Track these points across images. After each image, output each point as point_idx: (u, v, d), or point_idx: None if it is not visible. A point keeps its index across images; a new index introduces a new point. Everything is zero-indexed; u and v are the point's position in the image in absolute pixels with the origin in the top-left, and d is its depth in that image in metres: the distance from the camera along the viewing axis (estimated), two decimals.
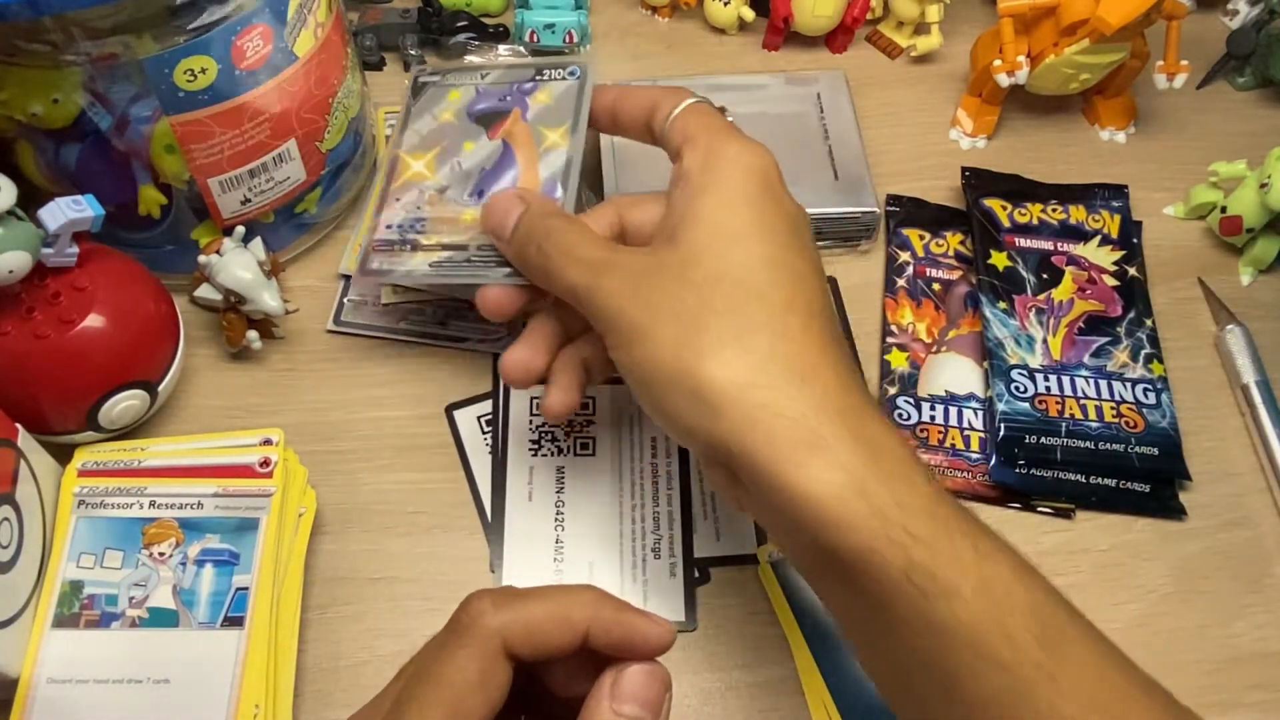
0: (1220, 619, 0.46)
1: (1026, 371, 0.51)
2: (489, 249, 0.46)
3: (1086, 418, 0.49)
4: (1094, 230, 0.56)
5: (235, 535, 0.44)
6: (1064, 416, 0.49)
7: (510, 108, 0.52)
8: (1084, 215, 0.57)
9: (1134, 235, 0.57)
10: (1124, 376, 0.51)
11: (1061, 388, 0.50)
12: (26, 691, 0.40)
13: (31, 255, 0.41)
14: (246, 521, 0.44)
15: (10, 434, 0.42)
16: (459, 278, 0.47)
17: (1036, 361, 0.51)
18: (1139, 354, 0.52)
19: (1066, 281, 0.54)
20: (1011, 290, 0.53)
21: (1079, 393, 0.50)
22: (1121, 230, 0.56)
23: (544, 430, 0.50)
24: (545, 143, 0.50)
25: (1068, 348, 0.52)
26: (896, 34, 0.67)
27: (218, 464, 0.45)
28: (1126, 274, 0.55)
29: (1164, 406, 0.50)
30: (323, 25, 0.49)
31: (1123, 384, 0.51)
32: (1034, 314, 0.53)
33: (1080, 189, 0.58)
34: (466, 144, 0.51)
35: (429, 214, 0.49)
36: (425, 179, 0.51)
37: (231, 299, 0.49)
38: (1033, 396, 0.50)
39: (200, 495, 0.44)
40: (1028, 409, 0.49)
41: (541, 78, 0.52)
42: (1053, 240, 0.56)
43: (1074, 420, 0.49)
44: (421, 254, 0.48)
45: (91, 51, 0.42)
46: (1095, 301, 0.54)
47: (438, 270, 0.47)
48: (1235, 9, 0.68)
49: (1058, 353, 0.51)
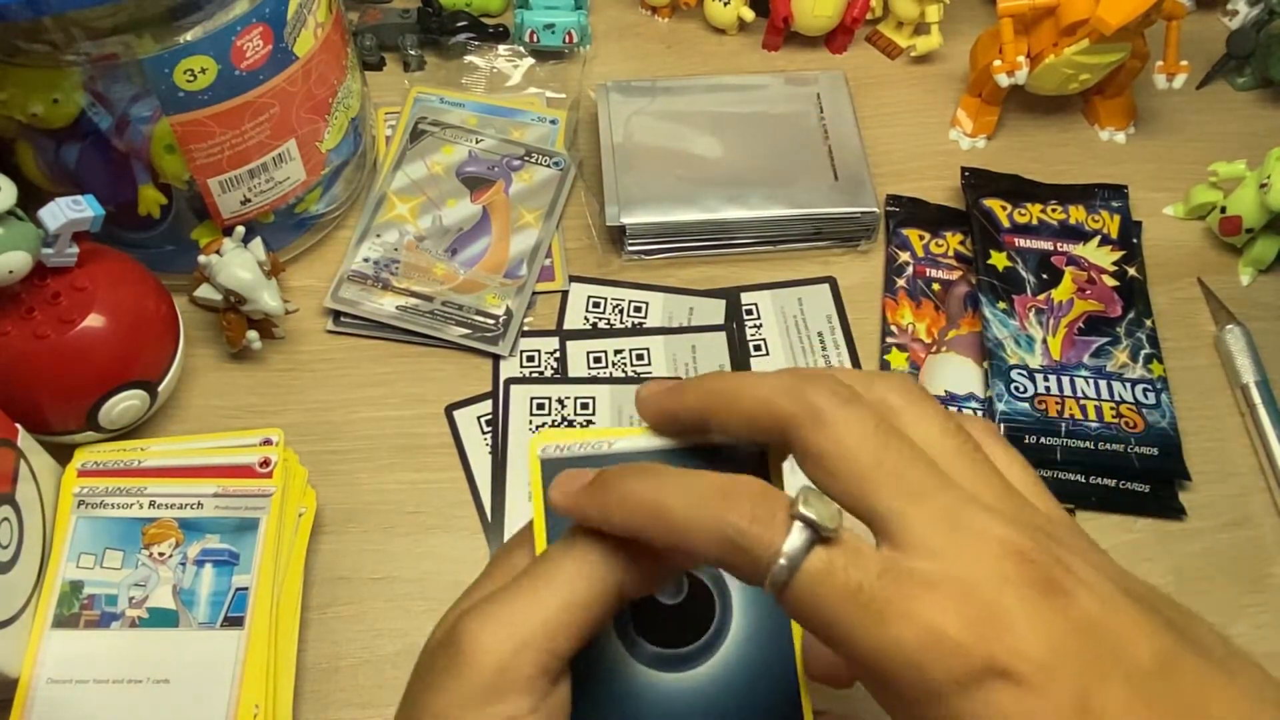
0: (1220, 619, 0.45)
1: (1026, 372, 0.51)
2: (453, 306, 0.52)
3: (1086, 418, 0.49)
4: (1094, 230, 0.56)
5: (235, 535, 0.44)
6: (1064, 417, 0.49)
7: (496, 178, 0.57)
8: (1084, 215, 0.57)
9: (1134, 235, 0.57)
10: (1124, 377, 0.51)
11: (1061, 388, 0.50)
12: (26, 691, 0.40)
13: (31, 255, 0.41)
14: (246, 521, 0.44)
15: (10, 434, 0.42)
16: (420, 326, 0.52)
17: (1036, 362, 0.51)
18: (1139, 354, 0.52)
19: (1066, 282, 0.54)
20: (1011, 290, 0.53)
21: (1079, 393, 0.50)
22: (1121, 230, 0.56)
23: (544, 430, 0.50)
24: (521, 220, 0.56)
25: (1067, 348, 0.52)
26: (896, 34, 0.67)
27: (217, 464, 0.45)
28: (1126, 274, 0.55)
29: (1164, 406, 0.50)
30: (323, 25, 0.49)
31: (1122, 384, 0.51)
32: (1034, 314, 0.53)
33: (1080, 189, 0.58)
34: (450, 200, 0.56)
35: (404, 258, 0.54)
36: (407, 223, 0.55)
37: (231, 299, 0.49)
38: (1032, 397, 0.50)
39: (200, 495, 0.44)
40: (1027, 409, 0.49)
41: (529, 159, 0.58)
42: (1052, 240, 0.56)
43: (1074, 420, 0.49)
44: (391, 295, 0.53)
45: (91, 51, 0.42)
46: (1095, 301, 0.54)
47: (402, 315, 0.52)
48: (1235, 9, 0.68)
49: (1057, 353, 0.51)
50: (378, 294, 0.53)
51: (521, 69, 0.64)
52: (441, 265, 0.54)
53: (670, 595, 0.31)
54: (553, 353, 0.52)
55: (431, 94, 0.62)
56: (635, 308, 0.54)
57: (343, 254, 0.55)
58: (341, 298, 0.53)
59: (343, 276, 0.54)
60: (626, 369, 0.52)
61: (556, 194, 0.57)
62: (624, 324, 0.54)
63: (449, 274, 0.54)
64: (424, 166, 0.58)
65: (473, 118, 0.61)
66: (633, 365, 0.52)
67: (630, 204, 0.55)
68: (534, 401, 0.50)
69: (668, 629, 0.30)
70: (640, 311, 0.54)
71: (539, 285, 0.55)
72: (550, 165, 0.58)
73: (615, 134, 0.58)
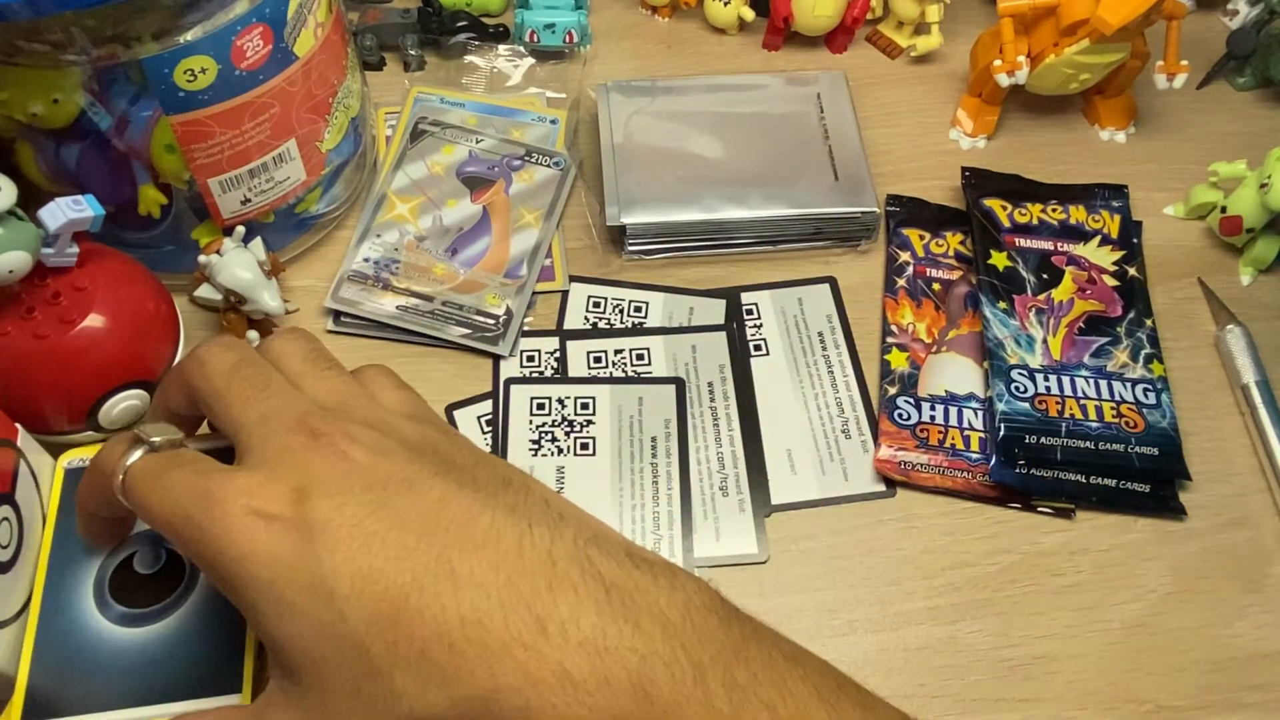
0: (1220, 619, 0.46)
1: (1026, 371, 0.51)
2: (454, 306, 0.52)
3: (1086, 418, 0.49)
4: (1094, 230, 0.56)
5: None
6: (1064, 416, 0.49)
7: (497, 178, 0.57)
8: (1084, 215, 0.57)
9: (1134, 235, 0.57)
10: (1124, 376, 0.51)
11: (1061, 388, 0.50)
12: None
13: (31, 255, 0.41)
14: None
15: (10, 434, 0.42)
16: (420, 326, 0.52)
17: (1036, 361, 0.51)
18: (1139, 354, 0.52)
19: (1066, 281, 0.54)
20: (1011, 290, 0.53)
21: (1079, 393, 0.50)
22: (1121, 230, 0.56)
23: (544, 430, 0.50)
24: (521, 221, 0.56)
25: (1068, 348, 0.52)
26: (896, 34, 0.67)
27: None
28: (1127, 274, 0.55)
29: (1164, 406, 0.50)
30: (323, 25, 0.49)
31: (1123, 384, 0.51)
32: (1034, 314, 0.53)
33: (1080, 189, 0.58)
34: (450, 201, 0.55)
35: (404, 259, 0.54)
36: (407, 223, 0.55)
37: (231, 299, 0.49)
38: (1033, 396, 0.50)
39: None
40: (1028, 409, 0.49)
41: (529, 159, 0.58)
42: (1053, 240, 0.56)
43: (1074, 420, 0.49)
44: (391, 295, 0.53)
45: (91, 51, 0.42)
46: (1095, 301, 0.54)
47: (402, 315, 0.52)
48: (1235, 9, 0.68)
49: (1058, 353, 0.51)
50: (378, 294, 0.53)
51: (521, 69, 0.64)
52: (442, 265, 0.54)
53: (146, 565, 0.38)
54: (553, 353, 0.52)
55: (431, 94, 0.62)
56: (635, 308, 0.54)
57: (343, 254, 0.55)
58: (342, 298, 0.53)
59: (343, 276, 0.54)
60: (627, 369, 0.52)
61: (557, 194, 0.57)
62: (624, 324, 0.54)
63: (449, 274, 0.54)
64: (424, 166, 0.58)
65: (473, 118, 0.61)
66: (633, 365, 0.52)
67: (630, 204, 0.55)
68: (534, 401, 0.50)
69: (139, 594, 0.37)
70: (640, 311, 0.54)
71: (539, 285, 0.55)
72: (550, 165, 0.58)
73: (615, 134, 0.58)
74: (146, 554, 0.39)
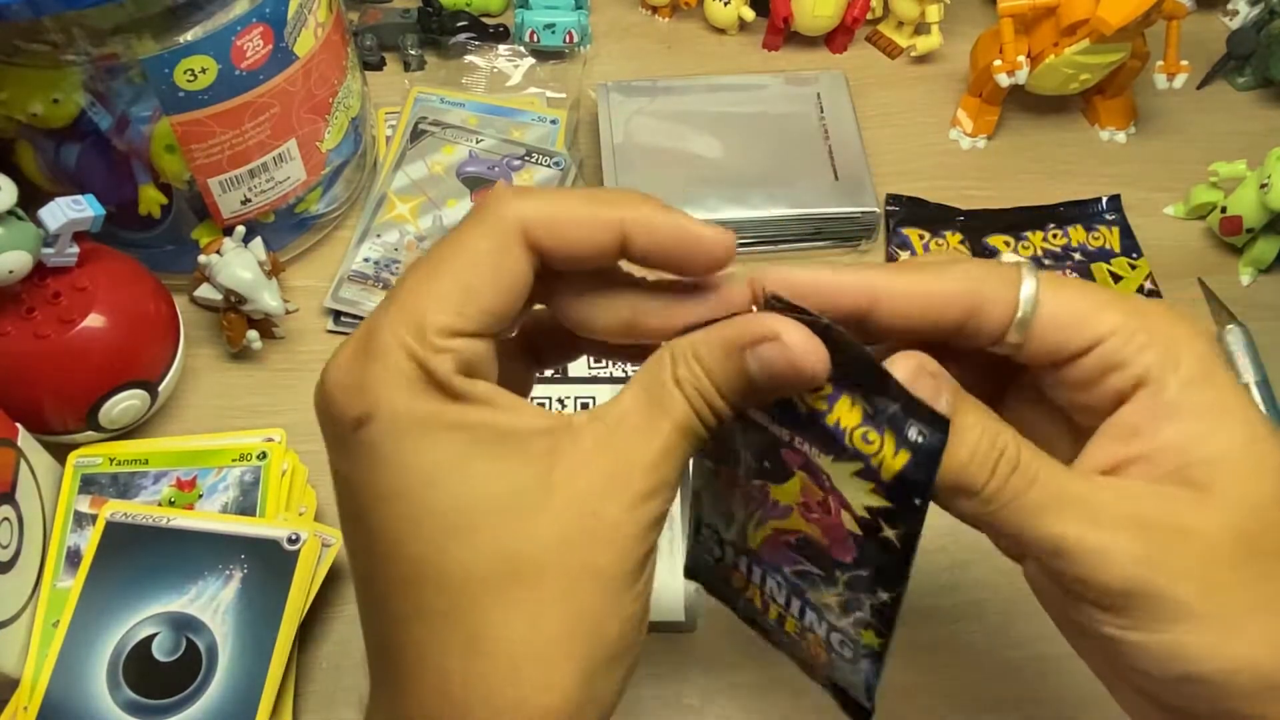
0: None
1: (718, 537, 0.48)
2: None
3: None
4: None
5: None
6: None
7: (497, 178, 0.56)
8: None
9: (1133, 239, 0.57)
10: (824, 618, 0.49)
11: (750, 576, 0.47)
12: (28, 692, 0.40)
13: (31, 255, 0.41)
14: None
15: (10, 434, 0.42)
16: None
17: (731, 535, 0.49)
18: (852, 612, 0.50)
19: (792, 485, 0.52)
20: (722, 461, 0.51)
21: (767, 592, 0.48)
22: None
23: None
24: None
25: (771, 549, 0.49)
26: (896, 34, 0.67)
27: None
28: (879, 531, 0.53)
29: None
30: (323, 25, 0.49)
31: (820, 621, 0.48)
32: (739, 496, 0.51)
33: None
34: (450, 201, 0.55)
35: (404, 259, 0.54)
36: (407, 223, 0.55)
37: (231, 299, 0.49)
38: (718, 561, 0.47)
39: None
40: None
41: (529, 159, 0.58)
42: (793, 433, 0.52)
43: None
44: None
45: (91, 51, 0.42)
46: (818, 530, 0.52)
47: None
48: (1235, 9, 0.68)
49: (756, 545, 0.49)
50: (378, 294, 0.53)
51: (522, 69, 0.64)
52: None
53: (165, 652, 0.37)
54: None
55: (432, 94, 0.62)
56: None
57: (343, 254, 0.55)
58: (342, 298, 0.53)
59: (343, 276, 0.54)
60: (626, 369, 0.52)
61: None
62: None
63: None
64: (424, 166, 0.58)
65: (473, 118, 0.61)
66: (633, 365, 0.52)
67: None
68: (534, 401, 0.50)
69: (153, 681, 0.36)
70: None
71: None
72: (550, 165, 0.58)
73: (615, 134, 0.58)
74: (167, 639, 0.38)
